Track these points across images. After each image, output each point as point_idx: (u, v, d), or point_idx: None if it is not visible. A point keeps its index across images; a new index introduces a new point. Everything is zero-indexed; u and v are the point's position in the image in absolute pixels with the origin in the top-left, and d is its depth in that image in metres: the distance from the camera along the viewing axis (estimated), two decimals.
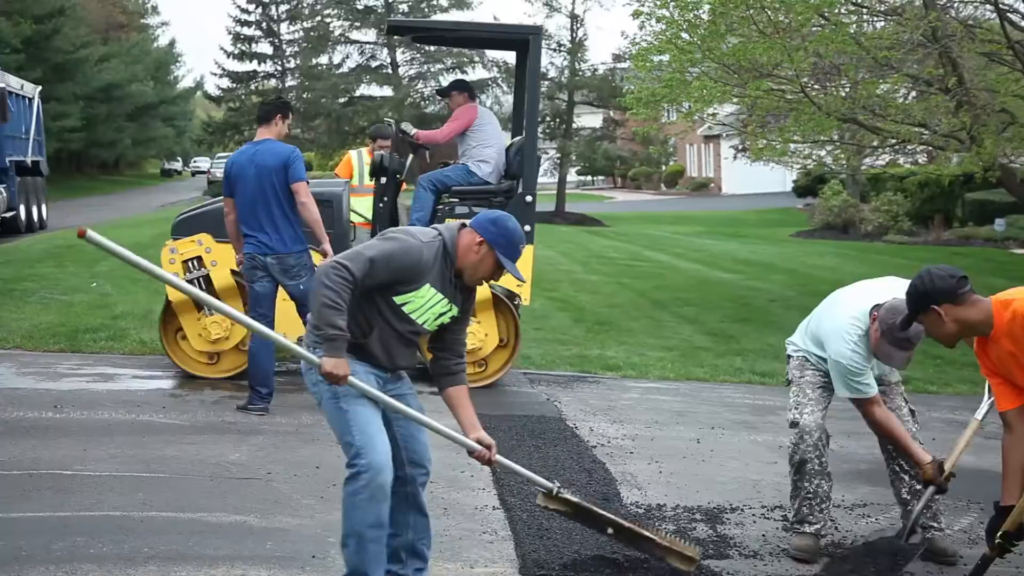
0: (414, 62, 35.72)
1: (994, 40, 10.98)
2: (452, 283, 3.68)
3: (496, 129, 8.07)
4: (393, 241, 3.59)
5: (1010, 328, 3.56)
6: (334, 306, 3.44)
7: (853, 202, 27.03)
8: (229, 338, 7.33)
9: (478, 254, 3.64)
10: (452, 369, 3.82)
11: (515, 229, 3.66)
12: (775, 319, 12.04)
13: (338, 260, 3.51)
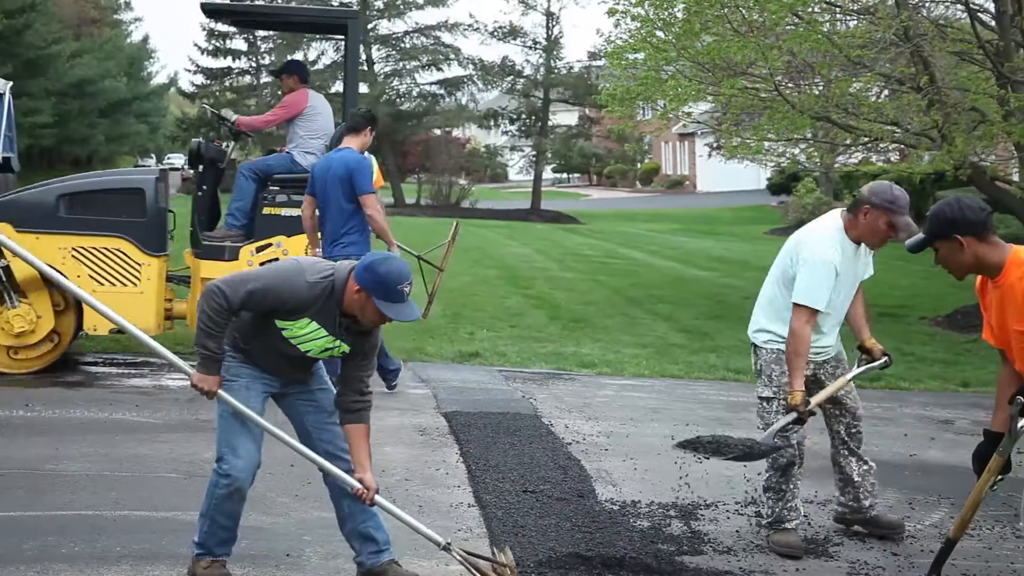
0: (389, 59, 35.65)
1: (965, 40, 11.10)
2: (339, 323, 3.75)
3: (327, 119, 7.91)
4: (280, 276, 3.74)
5: (1017, 283, 3.54)
6: (207, 330, 3.72)
7: (827, 200, 27.20)
8: (35, 331, 7.24)
9: (359, 301, 3.68)
10: (351, 407, 3.87)
11: (389, 272, 3.63)
12: (749, 316, 12.12)
13: (219, 286, 3.71)
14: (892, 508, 5.33)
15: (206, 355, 3.75)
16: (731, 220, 31.25)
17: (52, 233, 7.31)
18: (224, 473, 3.83)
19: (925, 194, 24.94)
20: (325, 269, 3.76)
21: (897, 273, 16.86)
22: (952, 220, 3.62)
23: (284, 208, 7.67)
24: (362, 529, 3.98)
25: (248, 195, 7.68)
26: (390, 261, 3.72)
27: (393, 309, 3.64)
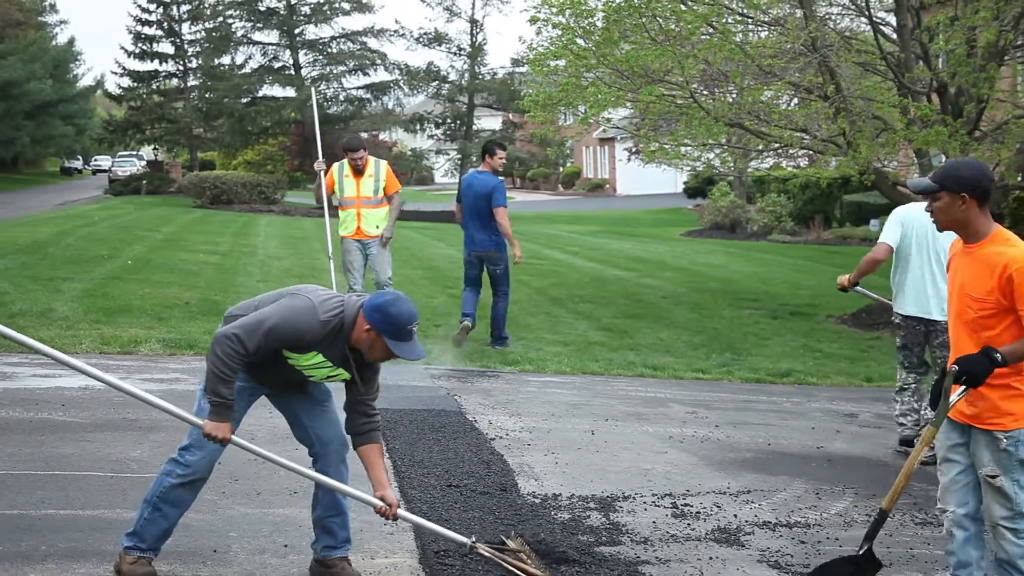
0: (316, 64, 35.42)
1: (869, 51, 11.56)
2: (346, 356, 3.86)
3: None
4: (293, 315, 3.76)
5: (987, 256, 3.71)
6: (222, 376, 3.71)
7: (740, 203, 27.88)
8: None
9: (368, 339, 3.79)
10: (360, 430, 4.01)
11: (399, 313, 3.74)
12: (666, 315, 12.42)
13: (235, 332, 3.71)
14: (800, 498, 5.57)
15: (219, 402, 3.73)
16: (649, 222, 31.73)
17: None
18: (187, 464, 3.91)
19: (832, 197, 25.75)
20: (335, 307, 3.81)
21: (806, 273, 17.39)
22: (964, 179, 3.71)
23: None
24: (326, 523, 4.11)
25: None
26: (400, 303, 3.78)
27: (401, 348, 3.76)
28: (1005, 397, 3.72)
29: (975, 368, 3.64)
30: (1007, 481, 3.74)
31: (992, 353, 3.63)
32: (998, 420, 3.73)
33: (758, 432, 7.07)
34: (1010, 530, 3.76)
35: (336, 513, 4.11)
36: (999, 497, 3.77)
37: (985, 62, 10.55)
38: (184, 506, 3.99)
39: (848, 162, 11.36)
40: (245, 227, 23.32)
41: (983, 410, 3.77)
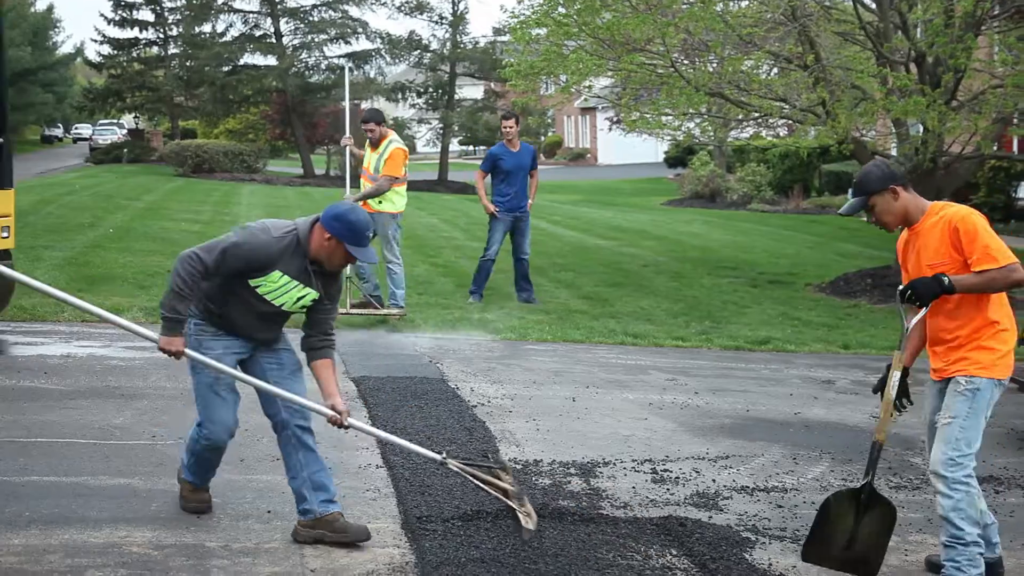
0: (298, 32, 35.06)
1: (848, 20, 11.58)
2: (308, 271, 4.11)
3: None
4: (248, 235, 4.05)
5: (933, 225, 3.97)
6: (180, 293, 3.97)
7: (720, 172, 27.93)
8: None
9: (329, 248, 4.07)
10: (316, 345, 4.24)
11: (358, 220, 4.06)
12: (647, 283, 12.50)
13: (195, 251, 3.99)
14: (777, 463, 5.66)
15: (172, 318, 3.98)
16: (630, 191, 31.77)
17: None
18: (206, 437, 4.26)
19: (811, 167, 25.84)
20: (288, 225, 4.11)
21: (784, 242, 17.50)
22: (884, 175, 4.04)
23: None
24: (315, 478, 4.22)
25: None
26: (356, 211, 4.10)
27: (361, 252, 4.07)
28: (975, 348, 3.94)
29: (923, 288, 3.87)
30: (954, 425, 3.90)
31: (941, 277, 3.84)
32: (964, 367, 3.95)
33: (737, 399, 7.16)
34: (942, 478, 3.87)
35: (322, 467, 4.25)
36: (941, 443, 3.91)
37: (962, 32, 10.59)
38: (217, 461, 4.38)
39: (827, 132, 11.41)
40: (227, 196, 23.20)
41: (954, 360, 3.98)
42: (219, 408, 4.20)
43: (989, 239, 3.88)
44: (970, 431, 3.91)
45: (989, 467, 5.76)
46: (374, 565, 3.97)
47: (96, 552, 3.92)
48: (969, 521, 3.86)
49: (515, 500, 4.28)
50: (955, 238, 3.89)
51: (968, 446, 3.90)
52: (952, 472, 3.87)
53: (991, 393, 3.96)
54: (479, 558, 4.01)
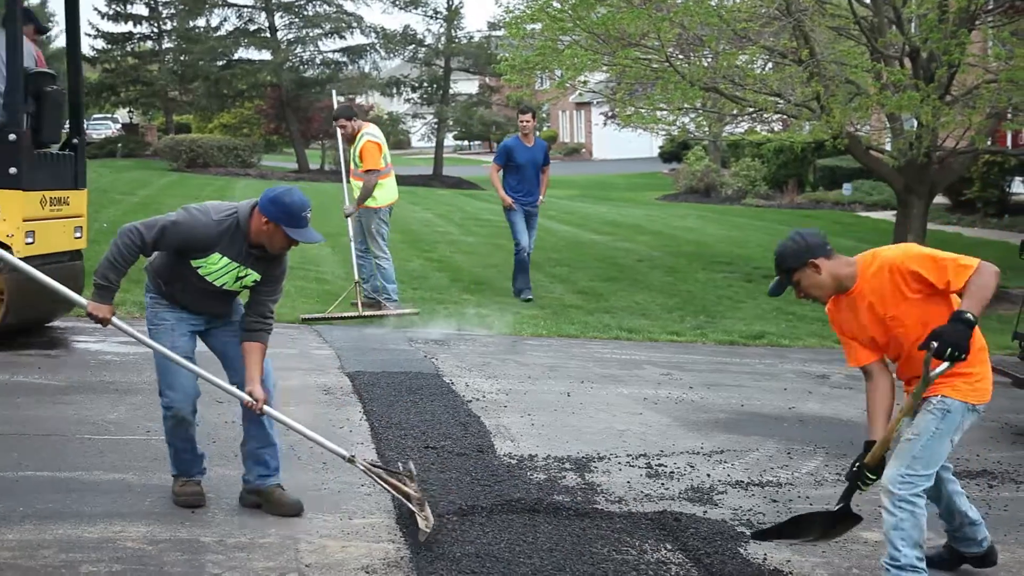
0: (292, 26, 35.00)
1: (842, 15, 11.57)
2: (248, 254, 4.17)
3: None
4: (188, 215, 4.12)
5: (874, 278, 3.75)
6: (114, 262, 4.07)
7: (714, 167, 27.95)
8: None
9: (269, 231, 4.11)
10: (252, 327, 4.29)
11: (293, 202, 4.07)
12: (642, 278, 12.51)
13: (136, 226, 4.08)
14: (772, 458, 5.67)
15: (104, 285, 4.10)
16: (625, 186, 31.78)
17: None
18: (167, 406, 4.28)
19: (806, 162, 25.87)
20: (228, 209, 4.16)
21: (779, 237, 17.35)
22: (801, 249, 3.81)
23: None
24: (258, 454, 4.40)
25: None
26: (292, 193, 4.11)
27: (300, 234, 4.09)
28: (951, 375, 3.70)
29: (958, 336, 3.46)
30: (916, 443, 3.70)
31: (962, 315, 3.49)
32: (939, 389, 3.73)
33: (731, 393, 7.18)
34: (889, 494, 3.69)
35: (267, 444, 4.40)
36: (897, 459, 3.72)
37: (956, 27, 10.60)
38: (189, 438, 4.34)
39: (822, 126, 11.41)
40: (222, 190, 23.13)
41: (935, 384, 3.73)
42: (177, 374, 4.24)
43: (947, 255, 3.68)
44: (930, 452, 3.70)
45: (983, 461, 5.79)
46: (369, 560, 3.97)
47: (90, 547, 3.92)
48: (908, 543, 3.69)
49: (416, 504, 4.25)
50: (915, 277, 3.67)
51: (925, 467, 3.70)
52: (900, 490, 3.68)
53: (962, 417, 3.74)
54: (474, 553, 4.02)
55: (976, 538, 4.11)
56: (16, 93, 6.87)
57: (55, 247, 7.30)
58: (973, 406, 3.76)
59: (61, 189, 7.39)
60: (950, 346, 3.45)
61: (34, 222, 7.00)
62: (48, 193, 7.19)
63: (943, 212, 20.11)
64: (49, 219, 7.21)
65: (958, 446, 5.92)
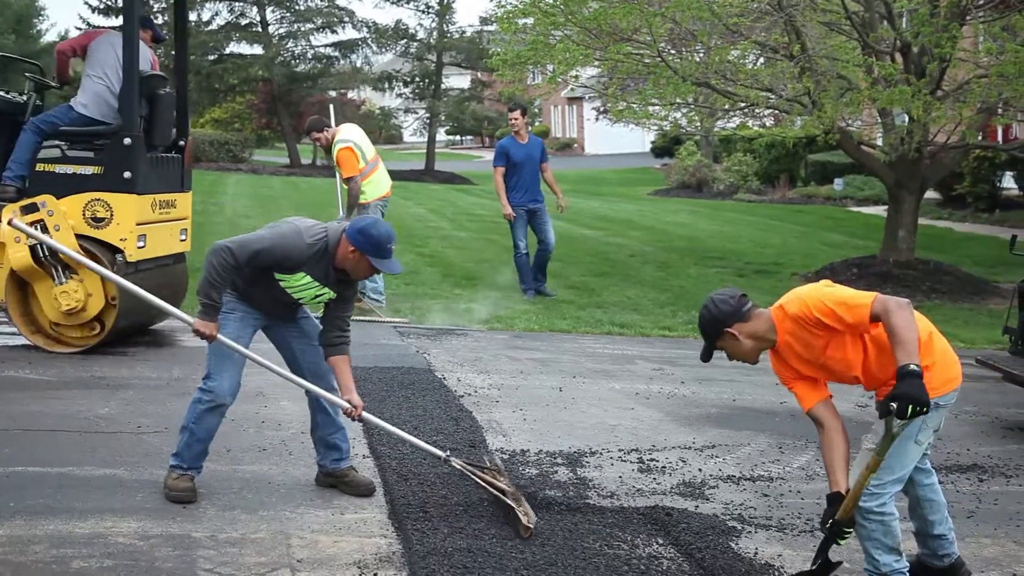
0: (284, 21, 34.90)
1: (833, 10, 11.58)
2: (331, 276, 4.38)
3: (109, 59, 7.04)
4: (283, 240, 4.28)
5: (790, 328, 3.70)
6: (214, 283, 4.22)
7: (706, 162, 27.96)
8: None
9: (354, 260, 4.30)
10: (334, 341, 4.48)
11: (380, 235, 4.27)
12: (633, 273, 12.52)
13: (229, 245, 4.23)
14: (763, 452, 5.69)
15: (208, 304, 4.25)
16: (617, 181, 31.77)
17: None
18: (209, 389, 4.39)
19: (798, 157, 25.92)
20: (319, 232, 4.33)
21: (771, 232, 17.54)
22: (714, 319, 3.76)
23: (58, 165, 6.92)
24: (329, 439, 4.65)
25: (27, 148, 6.96)
26: (379, 225, 4.31)
27: (384, 264, 4.31)
28: None
29: (915, 391, 3.38)
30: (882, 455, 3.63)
31: (907, 369, 3.41)
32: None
33: (723, 388, 7.19)
34: (856, 508, 3.65)
35: (336, 429, 4.65)
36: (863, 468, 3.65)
37: (947, 22, 10.62)
38: (213, 428, 4.46)
39: (813, 121, 11.43)
40: (213, 185, 23.07)
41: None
42: (229, 364, 4.40)
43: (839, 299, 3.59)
44: (894, 459, 3.62)
45: (973, 456, 5.81)
46: (361, 555, 3.97)
47: (81, 543, 3.91)
48: (884, 550, 3.66)
49: (512, 499, 4.34)
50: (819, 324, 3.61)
51: (892, 474, 3.63)
52: (866, 502, 3.63)
53: (922, 417, 3.54)
54: (466, 548, 4.02)
55: (937, 552, 3.99)
56: (131, 96, 6.87)
57: (163, 250, 7.29)
58: (935, 402, 3.61)
59: (169, 192, 7.36)
60: (910, 403, 3.37)
61: (145, 226, 6.98)
62: (158, 196, 7.17)
63: (934, 207, 20.17)
64: (159, 222, 7.18)
65: (948, 440, 6.01)
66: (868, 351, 3.68)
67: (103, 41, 7.11)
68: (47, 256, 6.70)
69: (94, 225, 6.78)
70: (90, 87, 7.01)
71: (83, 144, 7.02)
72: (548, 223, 10.40)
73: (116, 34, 7.18)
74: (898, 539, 3.71)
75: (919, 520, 3.99)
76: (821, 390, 3.85)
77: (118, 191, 6.81)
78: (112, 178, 6.81)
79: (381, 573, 3.82)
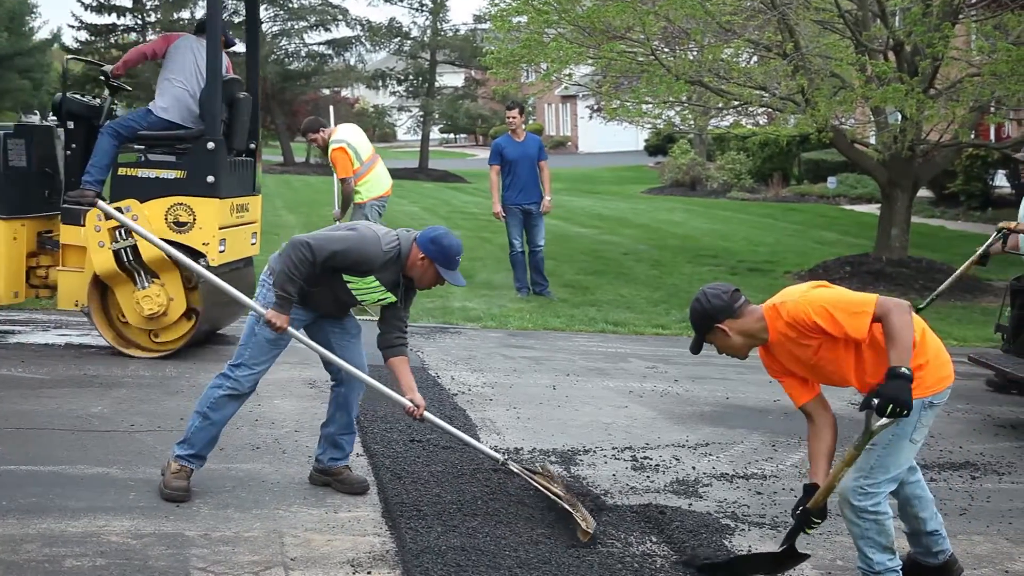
0: (277, 19, 34.89)
1: (827, 9, 11.60)
2: (399, 283, 4.45)
3: (188, 63, 7.13)
4: (360, 242, 4.33)
5: (784, 328, 3.68)
6: (291, 277, 4.26)
7: (700, 161, 27.99)
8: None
9: (422, 267, 4.39)
10: (393, 343, 4.57)
11: (451, 245, 4.37)
12: (627, 271, 12.53)
13: (308, 241, 4.27)
14: (756, 450, 5.69)
15: (284, 296, 4.29)
16: (611, 179, 31.79)
17: None
18: (235, 378, 4.43)
19: (791, 156, 25.95)
20: (393, 240, 4.41)
21: (764, 230, 17.56)
22: (704, 313, 3.74)
23: (140, 169, 6.95)
24: (337, 439, 4.69)
25: (106, 152, 6.99)
26: (450, 236, 4.41)
27: (450, 275, 4.39)
28: None
29: (899, 392, 3.41)
30: (873, 452, 3.65)
31: (897, 371, 3.43)
32: None
33: (716, 386, 7.20)
34: (850, 506, 3.67)
35: (349, 432, 4.71)
36: (855, 469, 3.67)
37: (940, 21, 10.65)
38: (228, 415, 4.50)
39: (806, 120, 11.45)
40: None
41: None
42: (265, 359, 4.45)
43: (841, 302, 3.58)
44: (889, 458, 3.64)
45: (966, 453, 5.82)
46: (354, 553, 3.97)
47: (74, 542, 3.91)
48: (878, 548, 3.66)
49: (569, 504, 4.33)
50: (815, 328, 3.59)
51: (886, 474, 3.64)
52: (860, 501, 3.64)
53: (918, 415, 3.60)
54: (459, 546, 4.02)
55: (931, 549, 3.98)
56: (215, 101, 6.88)
57: (238, 254, 7.29)
58: (929, 401, 3.65)
59: (244, 195, 7.37)
60: (891, 402, 3.40)
61: (225, 230, 6.98)
62: (235, 200, 7.17)
63: (927, 205, 20.21)
64: (235, 226, 7.18)
65: (941, 438, 6.02)
66: (861, 354, 3.67)
67: (182, 45, 7.16)
68: (130, 260, 6.70)
69: (176, 229, 6.79)
70: (170, 91, 7.03)
71: (163, 148, 7.04)
72: (540, 226, 10.34)
73: (194, 38, 7.25)
74: (892, 538, 3.72)
75: (911, 520, 3.97)
76: (812, 386, 3.86)
77: (201, 195, 6.83)
78: (196, 182, 6.83)
79: (375, 572, 3.82)
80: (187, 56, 7.10)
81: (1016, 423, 6.57)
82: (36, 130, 7.34)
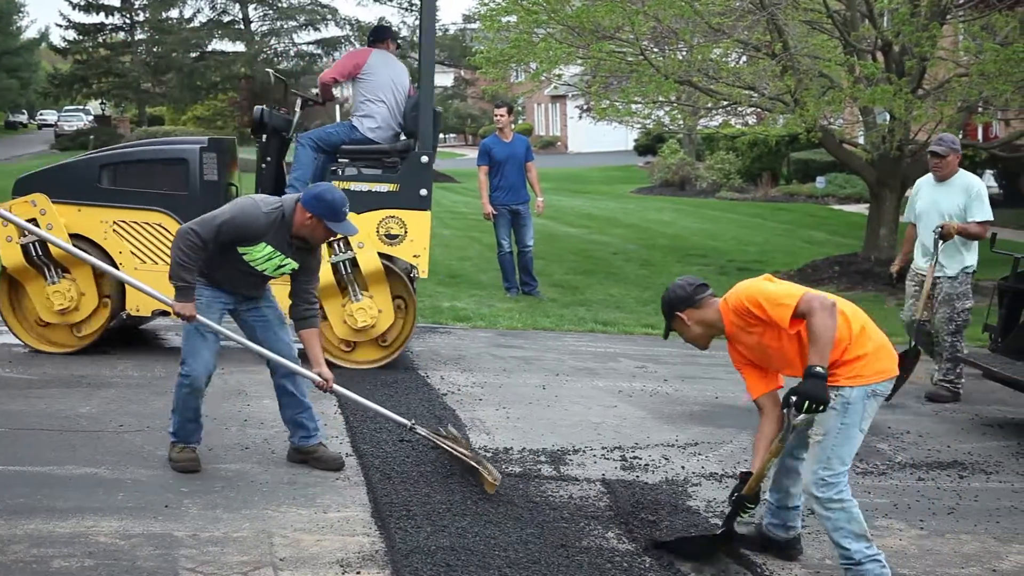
0: (266, 18, 34.88)
1: (815, 9, 11.64)
2: (291, 244, 4.61)
3: (387, 80, 7.34)
4: (242, 212, 4.52)
5: (733, 317, 3.94)
6: (184, 264, 4.46)
7: (689, 160, 28.02)
8: (79, 308, 6.72)
9: (311, 225, 4.55)
10: (303, 314, 4.76)
11: (334, 199, 4.52)
12: (617, 271, 12.54)
13: (193, 227, 4.45)
14: (745, 450, 5.67)
15: (183, 286, 4.48)
16: (600, 179, 31.80)
17: (93, 205, 6.77)
18: (186, 374, 4.64)
19: (780, 155, 26.01)
20: (275, 202, 4.58)
21: (753, 230, 17.60)
22: (669, 302, 4.05)
23: (352, 183, 6.96)
24: (297, 418, 4.90)
25: (307, 164, 7.18)
26: (332, 191, 4.57)
27: (340, 227, 4.56)
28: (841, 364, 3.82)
29: (817, 391, 3.66)
30: (826, 443, 3.80)
31: (812, 370, 3.68)
32: (835, 381, 3.79)
33: (706, 386, 7.21)
34: (816, 499, 3.80)
35: (303, 409, 4.89)
36: (812, 462, 3.83)
37: (928, 21, 10.69)
38: (196, 407, 4.72)
39: (795, 120, 11.48)
40: None
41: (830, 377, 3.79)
42: (201, 347, 4.63)
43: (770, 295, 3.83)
44: (842, 447, 3.81)
45: (953, 452, 5.85)
46: (344, 553, 3.96)
47: (62, 542, 3.89)
48: (852, 538, 3.78)
49: (475, 461, 4.64)
50: (752, 315, 3.85)
51: (841, 463, 3.81)
52: (824, 492, 3.79)
53: (863, 404, 3.81)
54: (449, 546, 4.02)
55: (787, 523, 4.21)
56: (428, 115, 6.96)
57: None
58: (872, 390, 3.84)
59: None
60: (808, 399, 3.68)
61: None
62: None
63: None
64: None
65: (929, 437, 6.05)
66: (804, 343, 3.82)
67: (376, 63, 7.36)
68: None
69: (388, 242, 6.90)
70: (375, 110, 7.24)
71: (366, 162, 7.14)
72: (529, 225, 10.34)
73: (383, 53, 7.50)
74: (863, 525, 3.84)
75: (780, 492, 4.20)
76: (770, 381, 4.08)
77: (414, 208, 6.93)
78: (408, 196, 6.95)
79: (364, 572, 3.81)
80: (383, 72, 7.35)
81: (1004, 422, 6.60)
82: (224, 143, 7.37)
